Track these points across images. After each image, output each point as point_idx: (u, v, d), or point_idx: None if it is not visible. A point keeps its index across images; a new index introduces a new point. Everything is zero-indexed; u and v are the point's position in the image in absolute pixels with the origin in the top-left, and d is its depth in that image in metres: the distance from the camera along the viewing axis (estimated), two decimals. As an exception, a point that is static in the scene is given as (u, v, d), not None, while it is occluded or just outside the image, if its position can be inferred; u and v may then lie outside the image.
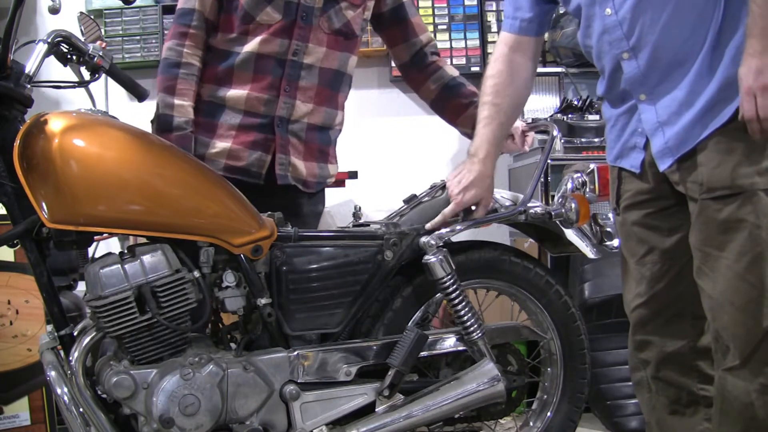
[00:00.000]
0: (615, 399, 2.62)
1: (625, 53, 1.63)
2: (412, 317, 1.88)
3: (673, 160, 1.59)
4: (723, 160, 1.51)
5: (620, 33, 1.62)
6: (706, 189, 1.53)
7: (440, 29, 3.84)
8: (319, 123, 2.13)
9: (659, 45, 1.57)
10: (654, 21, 1.57)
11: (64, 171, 1.54)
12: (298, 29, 2.04)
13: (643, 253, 1.70)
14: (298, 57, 2.05)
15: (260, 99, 2.04)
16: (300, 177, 2.10)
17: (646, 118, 1.63)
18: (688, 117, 1.56)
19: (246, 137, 2.05)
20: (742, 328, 1.51)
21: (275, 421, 1.73)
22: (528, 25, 1.86)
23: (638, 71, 1.62)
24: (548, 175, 3.10)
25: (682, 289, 1.65)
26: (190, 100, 2.03)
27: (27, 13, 3.00)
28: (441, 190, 1.98)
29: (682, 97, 1.57)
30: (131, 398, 1.60)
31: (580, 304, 2.60)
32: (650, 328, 1.71)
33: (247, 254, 1.71)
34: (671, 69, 1.58)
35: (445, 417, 1.83)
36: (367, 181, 3.61)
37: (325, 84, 2.11)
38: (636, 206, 1.71)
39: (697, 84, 1.54)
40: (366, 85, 3.93)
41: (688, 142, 1.56)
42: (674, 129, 1.58)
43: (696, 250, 1.57)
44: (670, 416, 1.72)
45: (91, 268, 1.59)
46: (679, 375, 1.69)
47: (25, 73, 1.61)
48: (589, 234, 2.00)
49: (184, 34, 2.03)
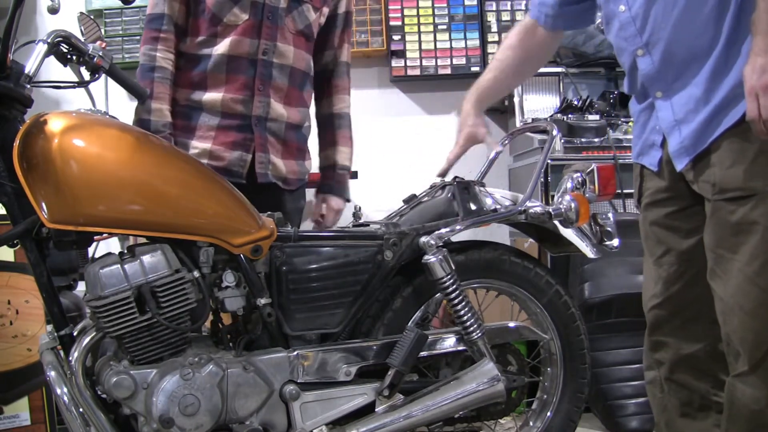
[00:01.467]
0: (615, 399, 2.61)
1: (639, 50, 1.62)
2: (412, 317, 1.88)
3: (690, 159, 1.57)
4: (736, 161, 1.49)
5: (633, 29, 1.61)
6: (718, 190, 1.51)
7: (440, 29, 3.84)
8: (295, 122, 2.20)
9: (672, 40, 1.56)
10: (666, 16, 1.55)
11: (63, 171, 1.54)
12: (265, 29, 2.10)
13: (661, 253, 1.69)
14: (268, 56, 2.11)
15: (236, 99, 2.10)
16: (280, 175, 2.16)
17: (663, 116, 1.62)
18: (704, 114, 1.54)
19: (225, 138, 2.10)
20: (751, 332, 1.48)
21: (275, 421, 1.73)
22: (545, 18, 1.89)
23: (653, 68, 1.61)
24: (548, 175, 3.10)
25: (698, 291, 1.63)
26: (167, 103, 2.09)
27: (27, 13, 3.00)
28: (441, 190, 1.98)
29: (699, 94, 1.54)
30: (131, 398, 1.60)
31: (580, 304, 2.60)
32: (666, 329, 1.70)
33: (246, 254, 1.71)
34: (686, 65, 1.56)
35: (444, 417, 1.83)
36: (367, 181, 3.61)
37: (295, 84, 2.19)
38: (656, 204, 1.70)
39: (713, 81, 1.52)
40: (366, 85, 3.93)
41: (703, 140, 1.54)
42: (691, 127, 1.56)
43: (709, 251, 1.55)
44: (681, 418, 1.70)
45: (91, 268, 1.59)
46: (693, 378, 1.67)
47: (25, 73, 1.60)
48: (589, 234, 2.00)
49: (156, 38, 2.09)
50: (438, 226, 1.87)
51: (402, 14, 3.83)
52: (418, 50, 3.81)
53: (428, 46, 3.82)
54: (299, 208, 2.29)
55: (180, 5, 2.11)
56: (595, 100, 3.36)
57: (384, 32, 3.80)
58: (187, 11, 2.12)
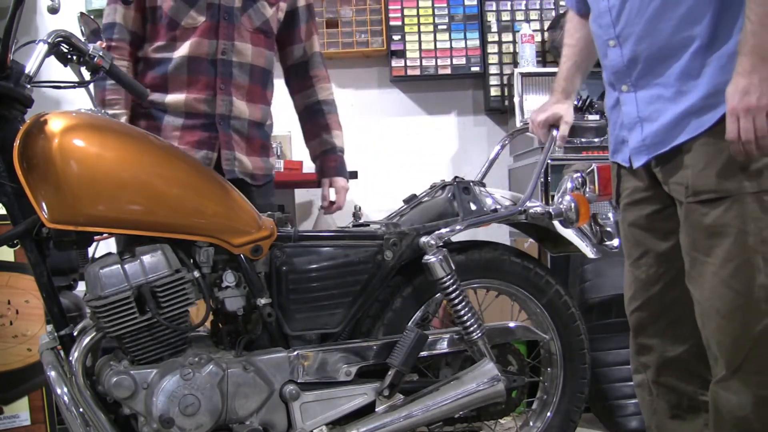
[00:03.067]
0: (615, 399, 2.61)
1: (611, 40, 1.62)
2: (412, 317, 1.88)
3: (648, 158, 1.57)
4: (709, 163, 1.47)
5: (609, 19, 1.61)
6: (692, 192, 1.50)
7: (440, 29, 3.83)
8: (257, 119, 2.24)
9: (643, 36, 1.54)
10: (641, 11, 1.54)
11: (64, 171, 1.54)
12: (222, 29, 2.15)
13: (638, 255, 1.68)
14: (227, 56, 2.15)
15: (198, 99, 2.14)
16: (247, 171, 2.21)
17: (627, 111, 1.61)
18: (670, 116, 1.52)
19: (191, 137, 2.14)
20: (727, 336, 1.47)
21: (275, 421, 1.73)
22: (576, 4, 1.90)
23: (621, 61, 1.60)
24: (548, 175, 3.09)
25: (678, 293, 1.62)
26: (123, 107, 2.14)
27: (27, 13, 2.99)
28: (441, 190, 1.98)
29: (667, 94, 1.53)
30: (131, 398, 1.60)
31: (580, 304, 2.60)
32: (650, 332, 1.69)
33: (246, 254, 1.71)
34: (655, 63, 1.54)
35: (444, 417, 1.83)
36: (367, 181, 3.61)
37: (256, 81, 2.23)
38: (634, 205, 1.68)
39: (683, 83, 1.50)
40: (366, 85, 3.93)
41: (666, 142, 1.53)
42: (653, 126, 1.55)
43: (685, 254, 1.54)
44: (671, 420, 1.70)
45: (91, 268, 1.59)
46: (680, 380, 1.66)
47: (25, 73, 1.60)
48: (589, 234, 2.00)
49: (108, 47, 2.13)
50: (438, 226, 1.87)
51: (402, 14, 3.82)
52: (418, 50, 3.81)
53: (428, 46, 3.82)
54: (269, 204, 2.32)
55: (135, 13, 2.16)
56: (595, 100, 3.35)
57: (384, 32, 3.80)
58: (143, 18, 2.17)
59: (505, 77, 3.78)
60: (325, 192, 2.40)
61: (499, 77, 3.81)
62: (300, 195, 3.79)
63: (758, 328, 1.45)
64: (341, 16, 3.81)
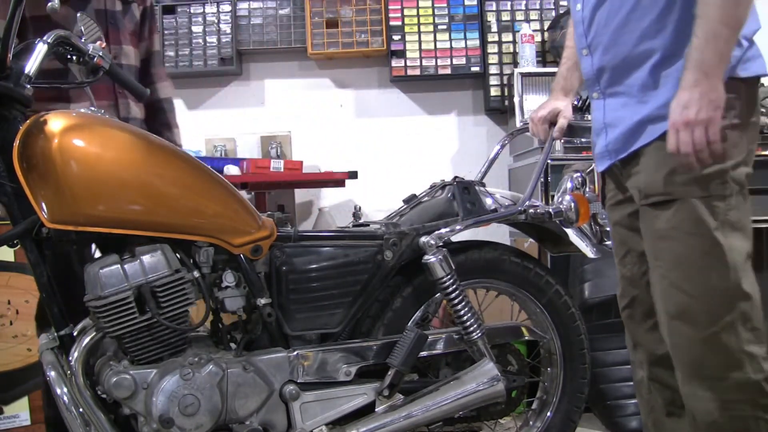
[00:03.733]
0: (615, 399, 2.61)
1: (584, 49, 1.68)
2: (412, 317, 1.88)
3: (611, 163, 1.62)
4: (660, 166, 1.50)
5: (582, 29, 1.67)
6: (644, 195, 1.54)
7: (440, 29, 3.83)
8: (142, 118, 2.29)
9: (609, 47, 1.60)
10: (608, 23, 1.59)
11: (63, 171, 1.54)
12: (111, 34, 2.18)
13: (623, 254, 1.72)
14: (119, 59, 2.19)
15: (102, 106, 2.12)
16: None
17: (595, 117, 1.67)
18: (630, 123, 1.57)
19: None
20: (681, 338, 1.50)
21: (275, 421, 1.73)
22: None
23: (591, 69, 1.66)
24: (548, 175, 3.09)
25: None
26: None
27: (27, 13, 2.99)
28: (441, 190, 1.98)
29: (629, 103, 1.58)
30: (131, 398, 1.60)
31: (580, 304, 2.60)
32: (640, 329, 1.71)
33: (246, 254, 1.71)
34: (620, 73, 1.59)
35: (444, 417, 1.83)
36: (367, 181, 3.61)
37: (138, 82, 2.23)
38: (618, 205, 1.73)
39: (644, 94, 1.55)
40: (366, 85, 3.93)
41: (626, 148, 1.58)
42: (615, 133, 1.60)
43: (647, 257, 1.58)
44: (667, 418, 1.71)
45: (91, 268, 1.59)
46: (671, 377, 1.67)
47: (25, 73, 1.60)
48: (589, 234, 2.00)
49: None
50: (438, 226, 1.87)
51: (402, 14, 3.82)
52: (418, 50, 3.81)
53: (428, 46, 3.82)
54: None
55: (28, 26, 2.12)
56: (595, 101, 3.36)
57: (384, 32, 3.80)
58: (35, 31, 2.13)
59: (505, 77, 3.78)
60: None
61: (499, 77, 3.81)
62: (300, 195, 3.79)
63: (712, 329, 1.47)
64: (341, 16, 3.81)
